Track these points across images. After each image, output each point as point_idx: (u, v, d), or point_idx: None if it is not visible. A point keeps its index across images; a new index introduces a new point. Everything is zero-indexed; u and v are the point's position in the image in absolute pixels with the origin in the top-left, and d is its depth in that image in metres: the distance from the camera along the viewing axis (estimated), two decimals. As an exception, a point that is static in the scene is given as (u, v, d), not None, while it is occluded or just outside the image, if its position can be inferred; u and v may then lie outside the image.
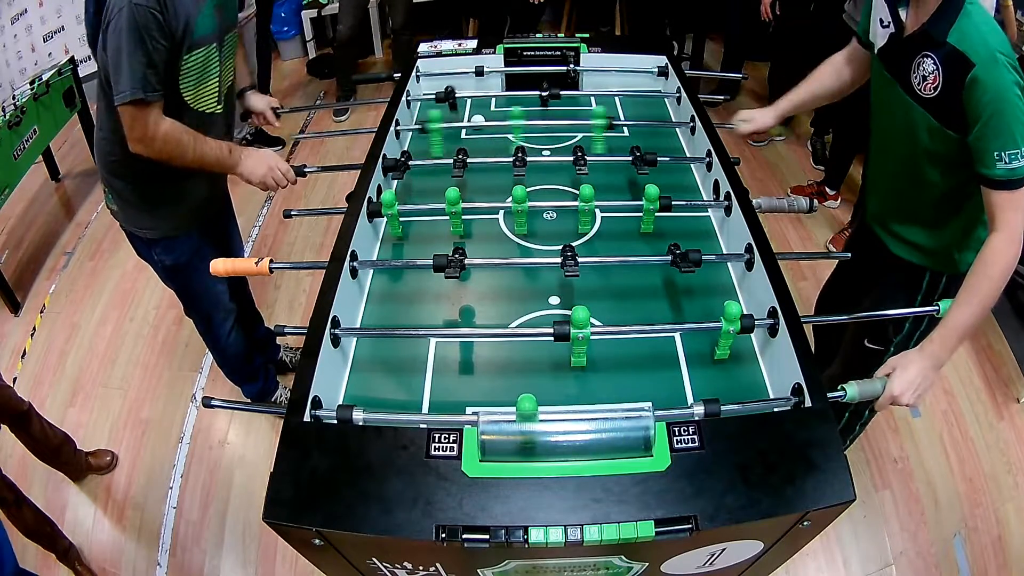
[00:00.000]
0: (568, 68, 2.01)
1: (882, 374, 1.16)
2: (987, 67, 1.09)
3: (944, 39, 1.15)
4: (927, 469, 2.10)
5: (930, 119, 1.22)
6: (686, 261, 1.26)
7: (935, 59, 1.17)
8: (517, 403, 0.94)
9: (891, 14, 1.28)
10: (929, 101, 1.21)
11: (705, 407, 0.99)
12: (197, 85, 1.48)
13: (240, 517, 2.02)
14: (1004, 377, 2.39)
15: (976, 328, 1.18)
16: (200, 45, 1.43)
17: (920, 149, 1.28)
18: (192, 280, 1.79)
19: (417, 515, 0.86)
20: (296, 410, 1.00)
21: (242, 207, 2.14)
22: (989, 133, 1.12)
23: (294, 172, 1.64)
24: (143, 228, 1.66)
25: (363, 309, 1.34)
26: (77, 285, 2.87)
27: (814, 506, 0.88)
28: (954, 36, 1.13)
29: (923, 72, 1.20)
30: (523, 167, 1.57)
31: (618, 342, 1.21)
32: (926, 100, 1.21)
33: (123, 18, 1.29)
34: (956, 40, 1.13)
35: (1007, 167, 1.11)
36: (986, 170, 1.14)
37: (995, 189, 1.14)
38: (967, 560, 1.90)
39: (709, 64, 4.07)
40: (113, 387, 2.42)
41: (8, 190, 2.76)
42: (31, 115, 2.89)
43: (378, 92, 1.97)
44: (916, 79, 1.22)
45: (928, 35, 1.18)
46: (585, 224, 1.48)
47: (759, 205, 1.44)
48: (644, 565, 1.02)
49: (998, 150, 1.11)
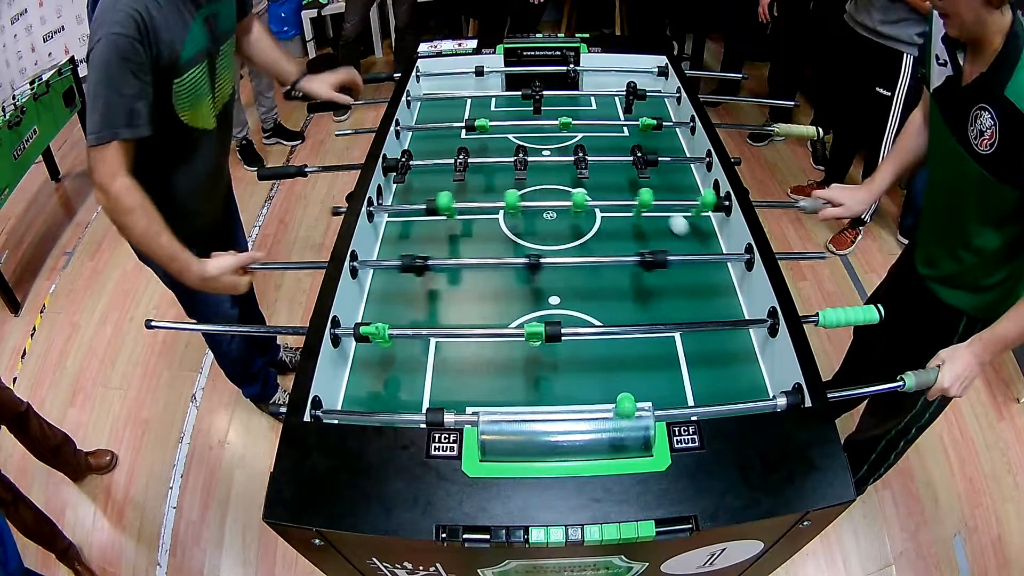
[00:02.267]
0: (568, 68, 2.01)
1: (932, 365, 1.17)
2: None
3: (1002, 92, 1.08)
4: (927, 469, 2.10)
5: (986, 175, 1.16)
6: (654, 263, 1.25)
7: (992, 113, 1.10)
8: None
9: (948, 56, 1.21)
10: (986, 157, 1.14)
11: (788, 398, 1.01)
12: (194, 105, 1.40)
13: (240, 517, 2.02)
14: (1004, 377, 2.39)
15: (1016, 343, 1.19)
16: (191, 66, 1.34)
17: (972, 203, 1.23)
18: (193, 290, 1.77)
19: (417, 515, 0.86)
20: (296, 410, 1.00)
21: (242, 206, 2.12)
22: None
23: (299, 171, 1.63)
24: None
25: (363, 309, 1.34)
26: (77, 285, 2.87)
27: (814, 506, 0.88)
28: (1011, 90, 1.07)
29: (980, 127, 1.14)
30: (524, 168, 1.57)
31: (618, 342, 1.21)
32: (982, 156, 1.15)
33: (100, 49, 1.20)
34: (1014, 95, 1.07)
35: None
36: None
37: None
38: (967, 560, 1.90)
39: (709, 64, 4.07)
40: (113, 387, 2.42)
41: (8, 190, 2.76)
42: (31, 115, 2.89)
43: (378, 92, 1.97)
44: (973, 133, 1.15)
45: (987, 86, 1.11)
46: (586, 224, 1.48)
47: (804, 207, 1.46)
48: (644, 565, 1.02)
49: None
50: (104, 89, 1.22)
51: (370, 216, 1.45)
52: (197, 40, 1.35)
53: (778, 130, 1.78)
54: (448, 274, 1.41)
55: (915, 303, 1.48)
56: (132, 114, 1.24)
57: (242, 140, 3.43)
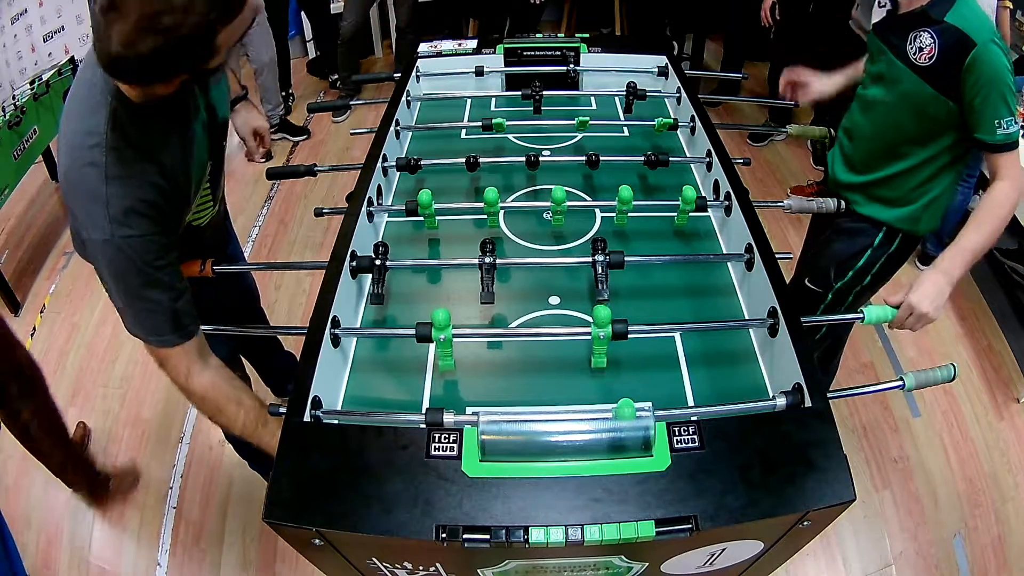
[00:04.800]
0: (568, 68, 2.01)
1: (894, 300, 1.26)
2: (987, 47, 1.26)
3: (942, 19, 1.30)
4: (927, 469, 2.10)
5: (924, 85, 1.35)
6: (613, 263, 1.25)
7: (932, 33, 1.32)
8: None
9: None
10: (924, 69, 1.35)
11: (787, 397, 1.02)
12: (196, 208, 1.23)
13: (240, 517, 2.02)
14: (1004, 377, 2.39)
15: (982, 253, 1.34)
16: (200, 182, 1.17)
17: (907, 117, 1.42)
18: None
19: (417, 515, 0.86)
20: (296, 410, 1.00)
21: (242, 206, 2.13)
22: (989, 105, 1.29)
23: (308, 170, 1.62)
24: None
25: (363, 309, 1.34)
26: (77, 285, 2.87)
27: (814, 506, 0.87)
28: (953, 17, 1.29)
29: (919, 44, 1.34)
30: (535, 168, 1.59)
31: (618, 342, 1.21)
32: (921, 68, 1.35)
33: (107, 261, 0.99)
34: (956, 20, 1.29)
35: (1005, 132, 1.30)
36: (987, 136, 1.32)
37: (995, 152, 1.34)
38: (967, 560, 1.90)
39: (709, 64, 4.07)
40: (113, 387, 2.42)
41: (8, 190, 2.76)
42: (31, 115, 2.89)
43: (378, 92, 1.97)
44: (912, 49, 1.36)
45: (926, 15, 1.33)
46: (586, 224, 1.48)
47: (789, 207, 1.49)
48: (644, 565, 1.02)
49: (997, 119, 1.29)
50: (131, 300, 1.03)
51: (370, 216, 1.45)
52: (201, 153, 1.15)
53: (791, 131, 1.77)
54: (448, 274, 1.41)
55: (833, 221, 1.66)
56: (176, 317, 1.05)
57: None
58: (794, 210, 1.50)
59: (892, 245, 1.59)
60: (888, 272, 1.64)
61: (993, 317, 2.62)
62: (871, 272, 1.62)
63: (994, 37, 1.27)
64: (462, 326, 1.30)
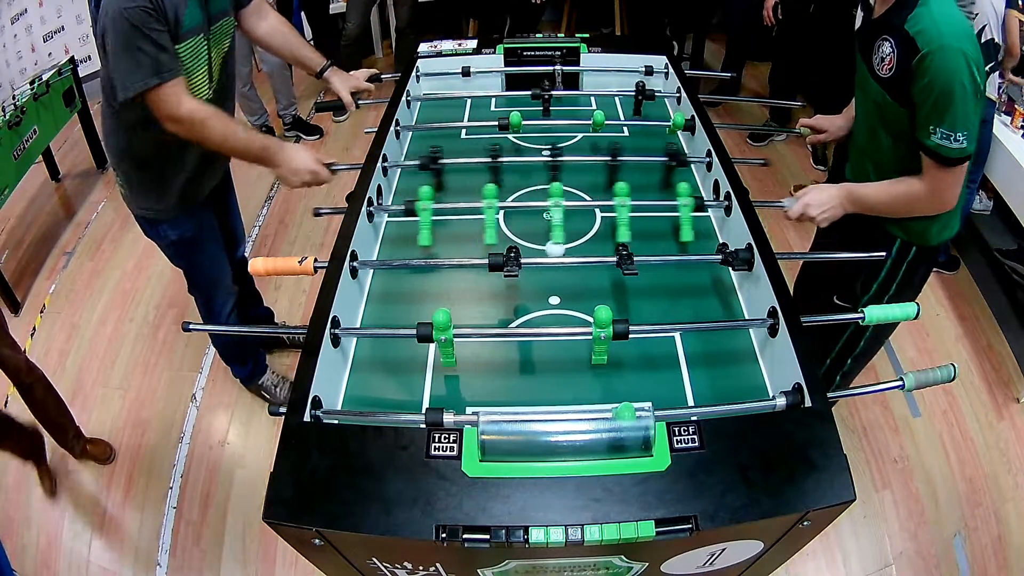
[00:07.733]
0: (554, 69, 1.99)
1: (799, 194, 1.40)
2: (934, 55, 1.20)
3: (901, 25, 1.26)
4: (927, 469, 2.10)
5: (886, 96, 1.33)
6: (628, 263, 1.25)
7: (892, 43, 1.28)
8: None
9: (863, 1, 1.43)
10: (885, 80, 1.32)
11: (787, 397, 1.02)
12: (190, 73, 1.48)
13: (240, 517, 2.02)
14: (1004, 377, 2.39)
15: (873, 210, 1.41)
16: (188, 36, 1.44)
17: (879, 123, 1.40)
18: (197, 255, 1.86)
19: (417, 515, 0.86)
20: (296, 410, 1.00)
21: (242, 206, 2.13)
22: (926, 107, 1.25)
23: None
24: (150, 208, 1.71)
25: (363, 309, 1.34)
26: (77, 285, 2.87)
27: (814, 506, 0.88)
28: (910, 23, 1.24)
29: (881, 54, 1.32)
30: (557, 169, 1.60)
31: (618, 342, 1.21)
32: (883, 79, 1.33)
33: (117, 24, 1.32)
34: (911, 27, 1.24)
35: (937, 142, 1.25)
36: (923, 138, 1.28)
37: (926, 156, 1.30)
38: (967, 560, 1.90)
39: (709, 64, 4.07)
40: (113, 387, 2.42)
41: (8, 190, 2.76)
42: (31, 115, 2.89)
43: (378, 92, 1.97)
44: (876, 60, 1.34)
45: (888, 21, 1.29)
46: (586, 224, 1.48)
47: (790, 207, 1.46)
48: (644, 565, 1.02)
49: (932, 124, 1.25)
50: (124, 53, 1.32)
51: (370, 216, 1.45)
52: (194, 15, 1.45)
53: (802, 131, 1.74)
54: (447, 274, 1.41)
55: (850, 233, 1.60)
56: (163, 62, 1.36)
57: (261, 127, 3.57)
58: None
59: (909, 254, 1.51)
60: (912, 278, 1.56)
61: (993, 317, 2.62)
62: (895, 281, 1.55)
63: (951, 43, 1.18)
64: (462, 326, 1.30)
